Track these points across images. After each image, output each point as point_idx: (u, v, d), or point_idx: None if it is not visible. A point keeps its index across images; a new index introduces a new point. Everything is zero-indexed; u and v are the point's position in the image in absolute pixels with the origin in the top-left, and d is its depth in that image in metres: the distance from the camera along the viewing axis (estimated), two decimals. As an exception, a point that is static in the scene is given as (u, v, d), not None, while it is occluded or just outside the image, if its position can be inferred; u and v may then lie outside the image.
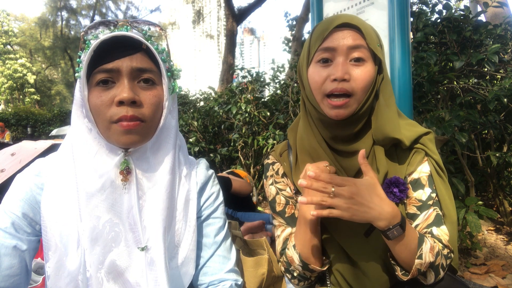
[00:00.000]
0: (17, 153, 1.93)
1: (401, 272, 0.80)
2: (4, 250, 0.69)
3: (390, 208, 0.74)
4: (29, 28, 29.32)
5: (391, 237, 0.74)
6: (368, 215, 0.72)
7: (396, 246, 0.77)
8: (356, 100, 0.80)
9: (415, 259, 0.76)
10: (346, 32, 0.80)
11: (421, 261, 0.76)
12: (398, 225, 0.74)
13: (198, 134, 4.00)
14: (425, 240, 0.78)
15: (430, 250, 0.77)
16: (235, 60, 10.26)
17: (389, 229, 0.74)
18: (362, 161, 0.76)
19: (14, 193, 0.74)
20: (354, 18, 0.82)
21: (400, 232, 0.74)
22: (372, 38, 0.81)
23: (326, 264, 0.90)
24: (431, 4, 2.47)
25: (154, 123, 0.75)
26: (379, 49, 0.81)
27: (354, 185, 0.72)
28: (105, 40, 0.68)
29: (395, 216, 0.74)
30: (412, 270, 0.77)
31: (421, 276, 0.81)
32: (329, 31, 0.80)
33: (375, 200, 0.73)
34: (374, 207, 0.73)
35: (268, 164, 1.03)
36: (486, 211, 1.79)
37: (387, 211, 0.73)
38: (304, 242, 0.87)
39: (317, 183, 0.72)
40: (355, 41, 0.79)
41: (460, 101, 2.11)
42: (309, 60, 0.85)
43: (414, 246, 0.77)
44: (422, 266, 0.77)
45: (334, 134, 0.86)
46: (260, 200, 3.62)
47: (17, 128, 14.43)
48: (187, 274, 0.82)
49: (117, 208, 0.72)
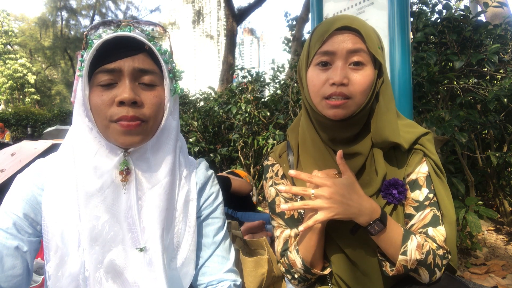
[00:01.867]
0: (17, 153, 1.93)
1: (389, 268, 0.81)
2: (6, 251, 0.69)
3: (368, 203, 0.77)
4: (29, 28, 29.33)
5: (373, 232, 0.77)
6: (348, 212, 0.75)
7: (381, 242, 0.79)
8: (354, 102, 0.80)
9: (396, 254, 0.78)
10: (346, 35, 0.79)
11: (405, 257, 0.77)
12: (378, 220, 0.77)
13: (198, 134, 4.00)
14: (411, 237, 0.79)
15: (417, 248, 0.78)
16: (235, 60, 10.26)
17: (369, 225, 0.77)
18: (339, 161, 0.80)
19: (15, 193, 0.74)
20: (354, 21, 0.81)
21: (381, 227, 0.77)
22: (373, 41, 0.80)
23: (327, 268, 0.90)
24: (431, 4, 2.48)
25: (155, 124, 0.75)
26: (379, 52, 0.81)
27: (333, 185, 0.75)
28: (108, 40, 0.68)
29: (374, 211, 0.77)
30: (396, 265, 0.79)
31: (414, 273, 0.82)
32: (328, 34, 0.80)
33: (354, 197, 0.77)
34: (353, 204, 0.76)
35: (267, 166, 1.03)
36: (486, 211, 1.78)
37: (366, 207, 0.77)
38: (308, 248, 0.87)
39: (296, 188, 0.77)
40: (355, 45, 0.78)
41: (460, 101, 2.11)
42: (309, 62, 0.84)
43: (398, 241, 0.78)
44: (408, 263, 0.78)
45: (333, 136, 0.86)
46: (260, 200, 3.62)
47: (17, 128, 14.41)
48: (187, 275, 0.82)
49: (116, 208, 0.72)
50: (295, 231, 0.95)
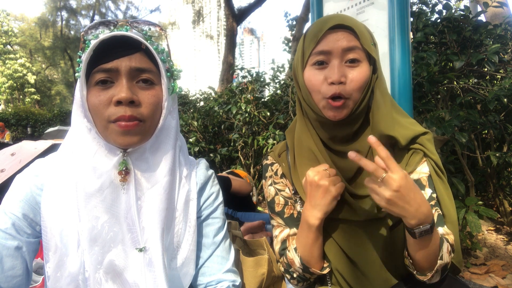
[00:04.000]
0: (17, 153, 1.93)
1: (416, 272, 0.79)
2: (6, 251, 0.69)
3: (426, 209, 0.72)
4: (29, 28, 29.31)
5: (417, 236, 0.72)
6: (404, 212, 0.70)
7: (418, 246, 0.75)
8: (352, 100, 0.80)
9: (436, 259, 0.76)
10: (340, 33, 0.80)
11: (442, 262, 0.76)
12: (429, 226, 0.72)
13: (198, 134, 4.00)
14: (444, 241, 0.78)
15: (447, 251, 0.78)
16: (235, 60, 10.26)
17: (418, 228, 0.71)
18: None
19: (14, 194, 0.74)
20: (346, 19, 0.81)
21: (428, 233, 0.72)
22: (366, 38, 0.81)
23: (326, 267, 0.90)
24: (431, 4, 2.48)
25: (153, 123, 0.74)
26: (373, 48, 0.81)
27: (405, 177, 0.69)
28: (105, 40, 0.68)
29: (428, 216, 0.72)
30: (433, 271, 0.76)
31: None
32: (322, 33, 0.80)
33: (418, 199, 0.70)
34: (414, 205, 0.70)
35: (267, 165, 1.03)
36: (486, 211, 1.79)
37: (423, 212, 0.71)
38: (306, 246, 0.87)
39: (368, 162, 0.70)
40: (350, 43, 0.79)
41: (460, 101, 2.11)
42: (304, 63, 0.84)
43: (437, 247, 0.76)
44: (441, 267, 0.77)
45: (332, 135, 0.86)
46: (260, 200, 3.62)
47: (17, 128, 14.40)
48: (187, 275, 0.81)
49: (115, 209, 0.72)
50: (294, 230, 0.95)
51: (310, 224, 0.84)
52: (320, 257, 0.89)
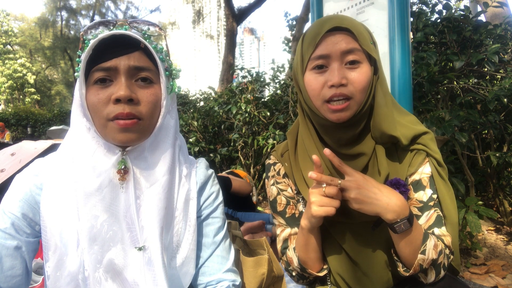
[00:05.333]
0: (17, 153, 1.93)
1: (402, 269, 0.80)
2: (5, 251, 0.69)
3: (399, 200, 0.75)
4: (29, 28, 29.32)
5: (398, 231, 0.75)
6: (376, 206, 0.74)
7: (402, 241, 0.77)
8: (356, 102, 0.79)
9: (418, 253, 0.77)
10: (338, 36, 0.79)
11: (424, 256, 0.77)
12: (406, 219, 0.74)
13: (198, 134, 4.00)
14: (429, 237, 0.79)
15: (433, 247, 0.78)
16: (235, 60, 10.26)
17: (396, 223, 0.74)
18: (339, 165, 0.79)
19: (14, 193, 0.74)
20: (344, 20, 0.80)
21: (407, 227, 0.74)
22: (365, 38, 0.80)
23: (324, 270, 0.91)
24: (431, 4, 2.47)
25: (152, 122, 0.74)
26: (372, 48, 0.80)
27: (362, 176, 0.75)
28: (104, 39, 0.68)
29: (404, 209, 0.75)
30: (414, 265, 0.77)
31: (422, 273, 0.81)
32: (320, 37, 0.79)
33: (384, 191, 0.75)
34: (382, 198, 0.74)
35: (269, 165, 1.03)
36: (486, 211, 1.79)
37: (395, 203, 0.74)
38: (302, 247, 0.88)
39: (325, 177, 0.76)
40: (348, 45, 0.78)
41: (460, 101, 2.11)
42: (304, 67, 0.83)
43: (419, 241, 0.77)
44: (424, 262, 0.77)
45: (336, 138, 0.85)
46: (260, 200, 3.62)
47: (17, 128, 14.40)
48: (187, 274, 0.81)
49: (114, 208, 0.72)
50: (295, 230, 0.95)
51: (302, 226, 0.86)
52: (317, 259, 0.89)
